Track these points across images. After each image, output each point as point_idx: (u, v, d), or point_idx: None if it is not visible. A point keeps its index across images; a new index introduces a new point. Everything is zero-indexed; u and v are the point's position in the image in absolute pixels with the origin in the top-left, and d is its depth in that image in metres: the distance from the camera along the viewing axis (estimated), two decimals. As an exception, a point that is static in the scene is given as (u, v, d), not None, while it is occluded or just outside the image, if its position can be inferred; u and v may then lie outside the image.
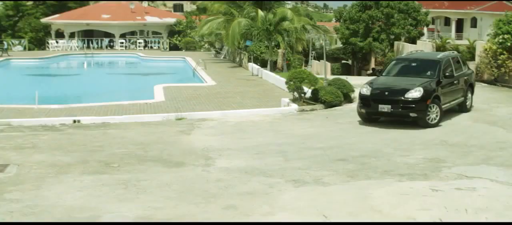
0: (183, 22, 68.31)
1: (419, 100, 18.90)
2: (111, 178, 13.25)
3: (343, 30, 56.61)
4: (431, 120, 19.21)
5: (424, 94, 18.99)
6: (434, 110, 19.25)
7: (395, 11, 53.07)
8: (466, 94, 22.08)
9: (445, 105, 20.18)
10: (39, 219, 10.43)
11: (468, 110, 22.27)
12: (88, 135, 18.53)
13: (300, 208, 10.97)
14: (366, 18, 53.67)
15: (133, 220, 10.35)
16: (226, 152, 15.96)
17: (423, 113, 18.97)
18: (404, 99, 19.08)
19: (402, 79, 20.40)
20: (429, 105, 19.03)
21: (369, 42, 53.29)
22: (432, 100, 19.16)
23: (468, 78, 22.46)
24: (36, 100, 23.52)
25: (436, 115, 19.32)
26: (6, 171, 13.92)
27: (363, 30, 54.36)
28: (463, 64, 22.67)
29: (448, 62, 21.08)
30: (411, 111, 19.04)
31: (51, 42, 66.98)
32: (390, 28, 53.36)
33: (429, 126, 18.98)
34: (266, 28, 37.93)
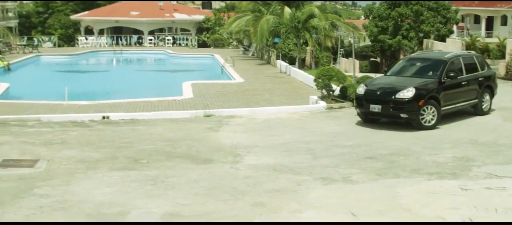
0: (212, 19, 68.41)
1: (410, 100, 18.41)
2: (140, 174, 13.31)
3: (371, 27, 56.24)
4: (427, 122, 18.62)
5: (416, 94, 18.46)
6: (430, 112, 18.66)
7: (424, 8, 52.65)
8: (481, 96, 21.01)
9: (449, 107, 19.58)
10: (68, 214, 10.49)
11: (484, 112, 21.15)
12: (117, 131, 18.64)
13: (328, 206, 10.92)
14: (395, 15, 53.26)
15: (162, 216, 10.38)
16: (254, 149, 15.95)
17: (415, 114, 18.43)
18: (394, 99, 18.67)
19: (401, 79, 20.01)
20: (422, 106, 18.45)
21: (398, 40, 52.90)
22: (426, 101, 18.58)
23: (484, 79, 21.23)
24: (66, 96, 23.70)
25: (433, 117, 18.71)
26: (36, 166, 14.03)
27: (392, 27, 53.97)
28: (479, 65, 21.46)
29: (456, 63, 20.33)
30: (402, 112, 18.62)
31: (80, 38, 67.45)
32: (419, 25, 52.91)
33: (424, 128, 18.42)
34: (294, 26, 37.83)
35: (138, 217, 10.35)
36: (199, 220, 10.25)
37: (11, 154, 15.44)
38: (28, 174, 13.32)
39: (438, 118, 18.83)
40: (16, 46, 59.36)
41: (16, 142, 17.00)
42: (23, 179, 12.87)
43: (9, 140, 17.28)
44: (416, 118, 18.50)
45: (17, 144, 16.72)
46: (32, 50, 57.73)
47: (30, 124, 19.97)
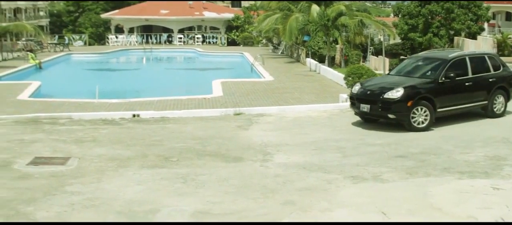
0: (241, 17, 68.46)
1: (398, 101, 17.97)
2: (170, 172, 13.35)
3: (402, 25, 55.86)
4: (418, 124, 18.01)
5: (405, 95, 17.94)
6: (422, 113, 18.03)
7: (455, 6, 52.20)
8: (492, 97, 19.96)
9: (449, 108, 18.85)
10: (99, 212, 10.56)
11: (496, 115, 20.07)
12: (147, 129, 18.72)
13: (358, 205, 10.88)
14: (425, 13, 52.84)
15: (192, 214, 10.40)
16: (284, 147, 15.93)
17: (404, 115, 18.02)
18: (382, 99, 18.28)
19: (397, 79, 19.62)
20: (412, 107, 17.95)
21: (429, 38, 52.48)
22: (417, 102, 18.01)
23: (496, 80, 20.11)
24: (97, 95, 23.87)
25: (425, 119, 18.09)
26: (67, 164, 14.15)
27: (422, 25, 53.53)
28: (492, 65, 20.31)
29: (459, 63, 19.50)
30: (389, 112, 18.26)
31: (110, 37, 67.88)
32: (450, 23, 52.47)
33: (415, 130, 17.89)
34: (323, 24, 37.73)
35: (168, 215, 10.38)
36: (230, 219, 10.26)
37: (43, 151, 15.60)
38: (59, 172, 13.44)
39: (431, 120, 18.16)
40: (47, 45, 59.95)
41: (48, 140, 17.16)
42: (54, 177, 12.98)
43: (41, 138, 17.45)
44: (405, 119, 18.05)
45: (49, 142, 16.87)
46: (63, 48, 58.26)
47: (62, 122, 20.15)
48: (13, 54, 51.29)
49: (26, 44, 56.02)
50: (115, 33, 70.91)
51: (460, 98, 19.22)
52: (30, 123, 19.94)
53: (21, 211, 10.62)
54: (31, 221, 10.19)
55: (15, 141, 16.97)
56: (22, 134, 18.07)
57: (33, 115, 20.95)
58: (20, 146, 16.30)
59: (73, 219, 10.22)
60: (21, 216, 10.34)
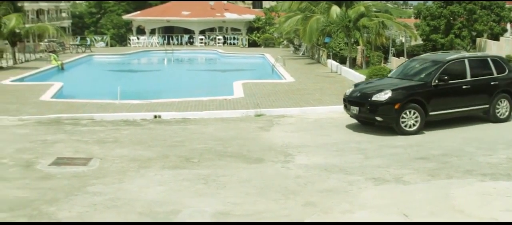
0: (262, 18, 68.45)
1: (385, 104, 17.78)
2: (191, 173, 13.38)
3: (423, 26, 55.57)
4: (408, 127, 17.74)
5: (392, 98, 17.74)
6: (412, 116, 17.76)
7: (478, 7, 51.86)
8: (494, 102, 19.34)
9: (443, 112, 18.51)
10: (120, 212, 10.60)
11: (500, 120, 19.46)
12: (169, 130, 18.77)
13: (380, 207, 10.84)
14: (447, 14, 52.53)
15: (213, 215, 10.42)
16: (305, 148, 15.91)
17: (391, 118, 17.83)
18: (370, 102, 18.13)
19: (392, 81, 19.50)
20: (399, 110, 17.69)
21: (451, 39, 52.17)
22: (405, 105, 17.73)
23: (499, 84, 19.45)
24: (118, 96, 23.96)
25: (416, 122, 17.80)
26: (89, 164, 14.22)
27: (444, 26, 53.22)
28: (495, 68, 19.63)
29: (456, 65, 19.09)
30: (376, 115, 18.10)
31: (132, 38, 68.17)
32: (472, 24, 52.13)
33: (405, 133, 17.54)
34: (345, 25, 37.64)
35: (189, 216, 10.40)
36: (251, 221, 10.26)
37: (65, 152, 15.69)
38: (81, 172, 13.51)
39: (421, 124, 17.87)
40: (69, 46, 60.35)
41: (70, 141, 17.25)
42: (76, 177, 13.05)
43: (63, 138, 17.55)
44: (393, 121, 17.85)
45: (71, 142, 16.96)
46: (85, 49, 58.62)
47: (83, 122, 20.25)
48: (36, 55, 51.68)
49: (48, 45, 56.41)
50: (136, 34, 71.19)
51: (456, 101, 18.81)
52: (53, 123, 20.07)
53: (43, 211, 10.69)
54: (54, 221, 10.25)
55: (37, 141, 17.08)
56: (44, 134, 18.19)
57: (55, 115, 21.08)
58: (42, 146, 16.41)
59: (95, 219, 10.27)
60: (43, 216, 10.41)
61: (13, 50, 46.99)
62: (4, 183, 12.64)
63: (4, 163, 14.44)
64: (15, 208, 10.82)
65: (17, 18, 41.73)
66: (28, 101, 24.66)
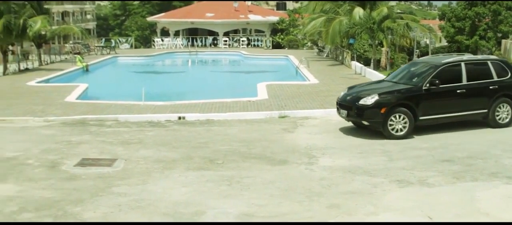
0: (286, 20, 68.45)
1: (371, 107, 17.65)
2: (215, 174, 13.40)
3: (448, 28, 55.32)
4: (396, 131, 17.49)
5: (378, 102, 17.60)
6: (400, 121, 17.50)
7: (503, 8, 51.51)
8: (494, 106, 18.78)
9: (435, 116, 18.17)
10: (145, 213, 10.64)
11: (500, 125, 18.87)
12: (193, 132, 18.81)
13: (404, 209, 10.80)
14: (472, 15, 52.25)
15: (237, 216, 10.43)
16: (329, 150, 15.89)
17: (377, 122, 17.64)
18: (357, 106, 18.02)
19: (383, 85, 19.42)
20: (386, 114, 17.51)
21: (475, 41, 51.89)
22: (392, 109, 17.52)
23: (499, 88, 18.87)
24: (143, 97, 24.06)
25: (404, 126, 17.53)
26: (114, 165, 14.29)
27: (468, 28, 52.95)
28: (496, 71, 19.09)
29: (451, 69, 18.67)
30: (363, 118, 18.02)
31: (156, 40, 68.44)
32: (497, 26, 51.80)
33: (393, 137, 17.34)
34: (369, 27, 37.54)
35: (213, 217, 10.42)
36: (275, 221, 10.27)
37: (90, 153, 15.77)
38: (106, 173, 13.58)
39: (410, 128, 17.60)
40: (94, 48, 60.74)
41: (95, 141, 17.35)
42: (101, 178, 13.12)
43: (88, 139, 17.65)
44: (379, 126, 17.69)
45: (96, 143, 17.06)
46: (109, 51, 58.96)
47: (108, 123, 20.36)
48: (61, 57, 52.05)
49: (73, 47, 56.86)
50: (161, 36, 71.49)
51: (450, 106, 18.42)
52: (78, 124, 20.20)
53: (68, 211, 10.76)
54: (79, 221, 10.31)
55: (63, 142, 17.20)
56: (69, 135, 18.31)
57: (81, 117, 21.21)
58: (67, 147, 16.52)
59: (119, 220, 10.32)
60: (68, 217, 10.48)
61: (39, 52, 47.39)
62: (30, 183, 12.74)
63: (30, 163, 14.55)
64: (40, 208, 10.90)
65: (42, 20, 42.04)
66: (54, 102, 24.82)
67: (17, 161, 14.76)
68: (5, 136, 18.29)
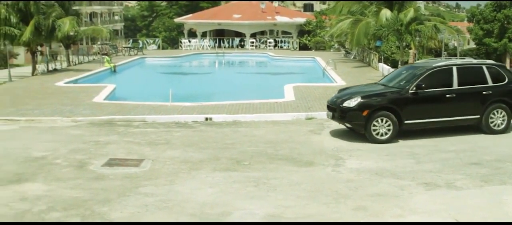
0: (313, 22, 68.33)
1: (353, 110, 17.53)
2: (242, 175, 13.42)
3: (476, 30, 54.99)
4: (380, 135, 17.31)
5: (360, 104, 17.46)
6: (384, 124, 17.31)
7: (532, 10, 51.14)
8: (488, 112, 18.27)
9: (422, 121, 17.88)
10: (171, 214, 10.68)
11: (494, 131, 18.30)
12: (219, 133, 18.84)
13: (431, 212, 10.74)
14: (501, 17, 51.89)
15: (264, 217, 10.43)
16: (356, 152, 15.84)
17: (359, 125, 17.54)
18: (340, 108, 17.92)
19: (371, 87, 19.31)
20: (368, 117, 17.28)
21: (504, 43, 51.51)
22: (375, 112, 17.37)
23: (493, 93, 18.35)
24: (170, 98, 24.14)
25: (388, 130, 17.33)
26: (141, 165, 14.35)
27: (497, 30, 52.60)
28: (491, 76, 18.56)
29: (441, 73, 18.38)
30: (346, 121, 18.00)
31: (183, 41, 68.61)
32: (527, 28, 51.43)
33: (377, 141, 17.19)
34: (396, 29, 37.35)
35: (240, 218, 10.44)
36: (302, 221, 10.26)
37: (118, 153, 15.87)
38: (133, 173, 13.65)
39: (394, 132, 17.39)
40: (122, 49, 61.05)
41: (122, 142, 17.44)
42: (128, 178, 13.19)
43: (115, 140, 17.75)
44: (361, 128, 17.55)
45: (123, 144, 17.15)
46: (137, 52, 59.22)
47: (136, 124, 20.46)
48: (89, 58, 52.38)
49: (101, 47, 57.20)
50: (188, 37, 71.68)
51: (438, 111, 18.03)
52: (105, 125, 20.32)
53: (96, 211, 10.83)
54: (106, 221, 10.37)
55: (90, 142, 17.32)
56: (97, 135, 18.43)
57: (108, 117, 21.34)
58: (95, 147, 16.63)
59: (146, 220, 10.37)
60: (96, 216, 10.55)
61: (67, 53, 47.74)
62: (58, 183, 12.84)
63: (58, 163, 14.67)
64: (68, 208, 10.98)
65: (70, 21, 42.33)
66: (82, 103, 24.99)
67: (45, 161, 14.89)
68: (34, 136, 18.46)
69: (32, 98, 27.07)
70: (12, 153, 15.77)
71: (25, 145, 16.84)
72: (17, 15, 39.58)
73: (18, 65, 47.94)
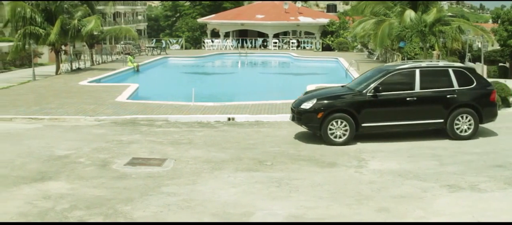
0: (336, 22, 68.21)
1: (308, 112, 17.46)
2: (264, 176, 13.41)
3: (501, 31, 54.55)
4: (336, 137, 17.11)
5: (315, 106, 17.41)
6: (340, 127, 17.12)
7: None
8: (453, 117, 17.67)
9: (381, 124, 17.63)
10: (194, 213, 10.69)
11: (460, 137, 17.68)
12: (242, 133, 18.85)
13: (454, 214, 10.67)
14: (527, 18, 51.51)
15: (286, 218, 10.42)
16: (379, 154, 15.78)
17: (314, 127, 17.43)
18: (297, 110, 17.90)
19: (333, 90, 19.22)
20: (323, 119, 17.14)
21: (530, 45, 51.14)
22: (329, 114, 17.18)
23: (456, 97, 17.75)
24: (193, 98, 24.20)
25: (344, 133, 17.13)
26: (163, 165, 14.39)
27: (523, 31, 52.20)
28: (457, 80, 17.93)
29: (403, 75, 18.01)
30: (302, 123, 17.84)
31: (206, 41, 68.79)
32: (554, 30, 50.99)
33: (332, 143, 17.01)
34: (420, 30, 37.17)
35: (262, 218, 10.43)
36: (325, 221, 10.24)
37: (140, 152, 15.92)
38: (156, 173, 13.68)
39: (351, 135, 17.17)
40: (145, 48, 61.28)
41: (145, 141, 17.50)
42: (151, 177, 13.23)
43: (138, 139, 17.81)
44: (316, 131, 17.43)
45: (146, 143, 17.21)
46: (160, 52, 59.43)
47: (158, 123, 20.52)
48: (112, 57, 52.63)
49: (124, 47, 57.46)
50: (211, 37, 71.82)
51: (398, 114, 17.67)
52: (128, 124, 20.40)
53: (119, 210, 10.87)
54: (129, 221, 10.40)
55: (113, 141, 17.39)
56: (120, 135, 18.51)
57: (131, 116, 21.42)
58: (118, 146, 16.70)
59: (169, 220, 10.39)
60: (119, 215, 10.58)
61: (91, 52, 47.99)
62: (81, 182, 12.90)
63: (81, 162, 14.75)
64: (91, 207, 11.03)
65: (96, 20, 42.56)
66: (105, 102, 25.11)
67: (68, 160, 14.97)
68: (58, 135, 18.57)
69: (56, 97, 27.25)
70: (36, 152, 15.88)
71: (49, 144, 16.95)
72: (42, 15, 39.84)
73: (42, 64, 48.24)
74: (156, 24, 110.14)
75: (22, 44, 39.29)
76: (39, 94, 28.33)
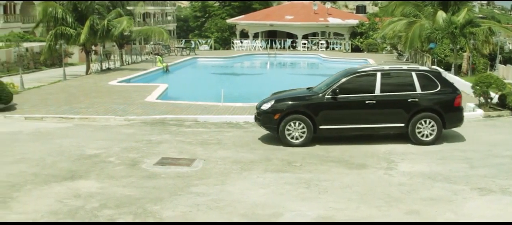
0: (366, 24, 67.95)
1: (266, 113, 17.39)
2: (293, 177, 13.40)
3: (533, 33, 53.99)
4: (294, 138, 17.03)
5: (273, 107, 17.34)
6: (298, 128, 17.02)
7: None
8: (414, 121, 17.26)
9: (339, 127, 17.35)
10: (223, 214, 10.72)
11: (422, 142, 17.24)
12: (270, 134, 18.79)
13: (485, 218, 10.59)
14: (558, 21, 50.87)
15: (314, 219, 10.41)
16: (409, 156, 15.69)
17: (272, 128, 17.35)
18: (258, 110, 17.90)
19: (295, 92, 18.89)
20: (279, 120, 17.06)
21: (561, 47, 50.51)
22: (287, 116, 17.07)
23: (418, 101, 17.34)
24: (222, 98, 24.24)
25: (302, 134, 17.02)
26: (193, 165, 14.44)
27: (554, 33, 51.60)
28: (420, 84, 17.48)
29: (364, 78, 17.71)
30: (261, 124, 17.77)
31: (235, 41, 68.91)
32: None
33: (291, 145, 16.91)
34: (451, 31, 36.89)
35: (291, 219, 10.44)
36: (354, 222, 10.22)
37: (169, 152, 15.98)
38: (185, 173, 13.73)
39: (308, 136, 17.03)
40: (174, 49, 61.50)
41: (174, 141, 17.57)
42: (180, 177, 13.28)
43: (167, 139, 17.88)
44: (274, 131, 17.36)
45: (175, 143, 17.27)
46: (189, 52, 59.63)
47: (187, 124, 20.59)
48: (142, 57, 52.87)
49: (154, 47, 57.69)
50: (240, 38, 71.92)
51: (357, 117, 17.44)
52: (157, 124, 20.49)
53: (148, 209, 10.92)
54: (158, 221, 10.44)
55: (143, 141, 17.48)
56: (149, 134, 18.59)
57: (160, 116, 21.51)
58: (147, 146, 16.78)
59: (198, 220, 10.43)
60: (148, 215, 10.64)
61: (121, 52, 48.24)
62: (111, 181, 12.98)
63: (111, 161, 14.84)
64: (121, 206, 11.10)
65: (127, 21, 42.80)
66: (134, 102, 25.24)
67: (98, 159, 15.08)
68: (88, 134, 18.70)
69: (86, 96, 27.44)
70: (66, 151, 16.01)
71: (79, 143, 17.08)
72: (73, 15, 40.12)
73: (72, 64, 48.51)
74: (185, 25, 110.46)
75: (54, 44, 39.57)
76: (70, 94, 28.54)
